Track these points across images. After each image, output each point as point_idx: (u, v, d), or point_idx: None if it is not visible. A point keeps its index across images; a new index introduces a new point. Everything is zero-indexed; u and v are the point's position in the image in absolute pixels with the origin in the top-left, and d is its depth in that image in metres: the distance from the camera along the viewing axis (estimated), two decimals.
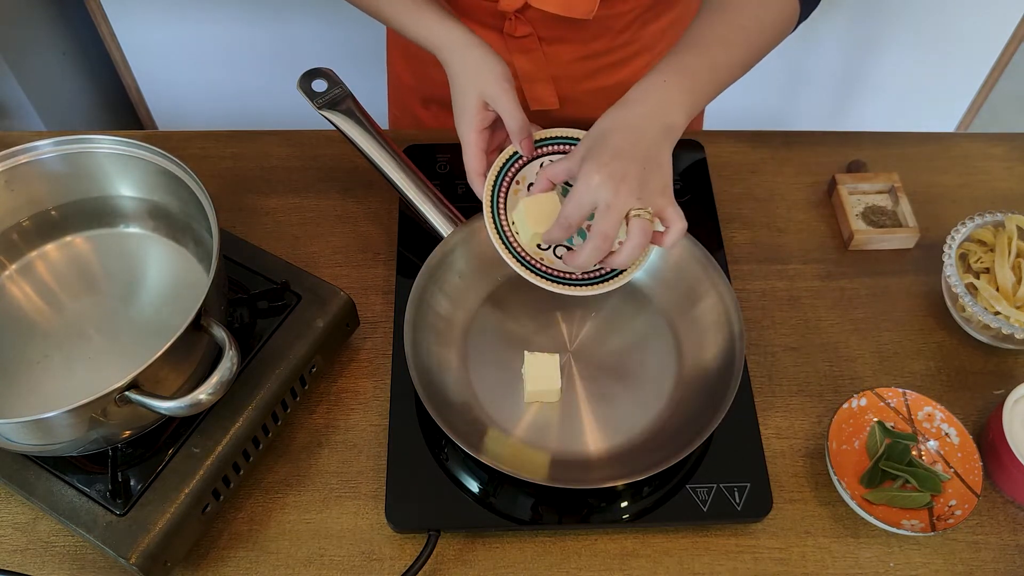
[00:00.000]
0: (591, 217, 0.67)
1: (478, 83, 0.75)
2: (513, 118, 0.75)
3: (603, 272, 0.74)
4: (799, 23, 0.78)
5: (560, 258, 0.75)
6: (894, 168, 0.96)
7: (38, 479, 0.68)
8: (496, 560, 0.72)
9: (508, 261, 0.74)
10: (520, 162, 0.78)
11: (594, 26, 0.89)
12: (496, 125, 0.78)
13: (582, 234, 0.75)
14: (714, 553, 0.72)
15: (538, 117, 0.99)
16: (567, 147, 0.79)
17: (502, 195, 0.76)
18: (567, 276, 0.74)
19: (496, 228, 0.74)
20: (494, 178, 0.76)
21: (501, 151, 0.78)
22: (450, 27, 0.77)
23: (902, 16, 1.65)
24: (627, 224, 0.66)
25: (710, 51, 0.72)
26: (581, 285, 0.74)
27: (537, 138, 0.79)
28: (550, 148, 0.79)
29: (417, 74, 1.05)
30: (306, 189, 0.95)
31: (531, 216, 0.73)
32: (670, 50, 0.73)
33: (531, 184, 0.77)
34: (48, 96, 1.67)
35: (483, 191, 0.76)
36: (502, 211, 0.75)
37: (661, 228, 0.69)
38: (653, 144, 0.67)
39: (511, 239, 0.74)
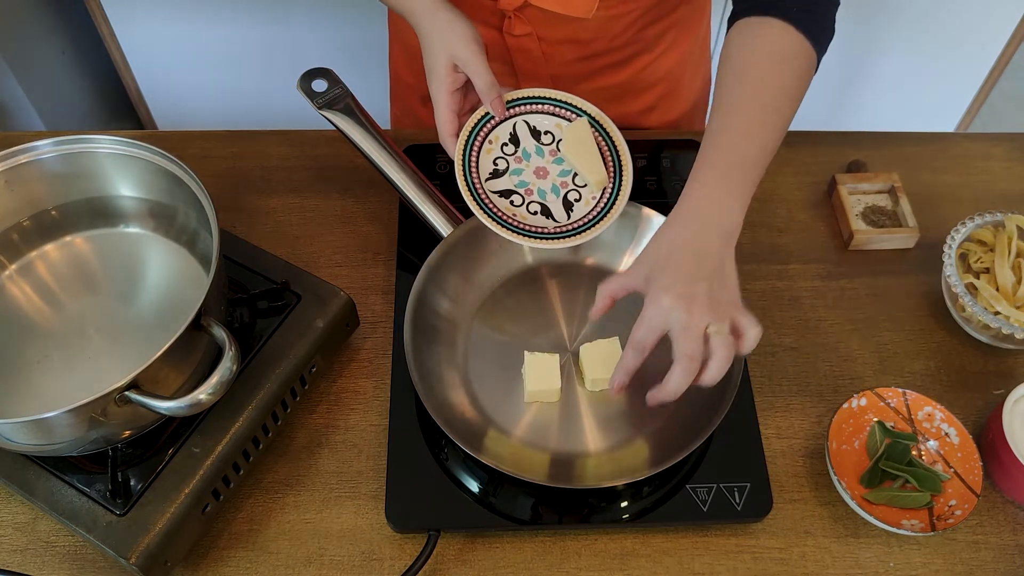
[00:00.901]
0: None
1: (447, 45, 0.76)
2: (482, 79, 0.76)
3: (574, 226, 0.75)
4: (818, 64, 0.76)
5: (534, 215, 0.76)
6: (894, 168, 0.96)
7: (38, 479, 0.68)
8: (496, 560, 0.72)
9: (482, 219, 0.74)
10: (492, 123, 0.79)
11: (593, 26, 0.89)
12: (468, 88, 0.79)
13: (556, 190, 0.77)
14: (714, 553, 0.72)
15: None
16: (538, 106, 0.80)
17: (474, 155, 0.77)
18: (539, 230, 0.75)
19: (468, 185, 0.75)
20: (466, 138, 0.77)
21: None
22: None
23: (902, 16, 1.65)
24: (706, 342, 0.65)
25: (742, 142, 0.70)
26: (553, 238, 0.75)
27: (508, 99, 0.79)
28: (521, 108, 0.80)
29: (417, 72, 1.04)
30: (306, 189, 0.95)
31: (590, 360, 0.76)
32: (700, 152, 0.70)
33: (504, 144, 0.78)
34: (48, 96, 1.67)
35: (455, 151, 0.77)
36: (473, 170, 0.76)
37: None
38: (716, 257, 0.66)
39: (483, 197, 0.75)
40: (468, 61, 0.76)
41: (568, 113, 0.81)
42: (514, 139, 0.80)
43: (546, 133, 0.80)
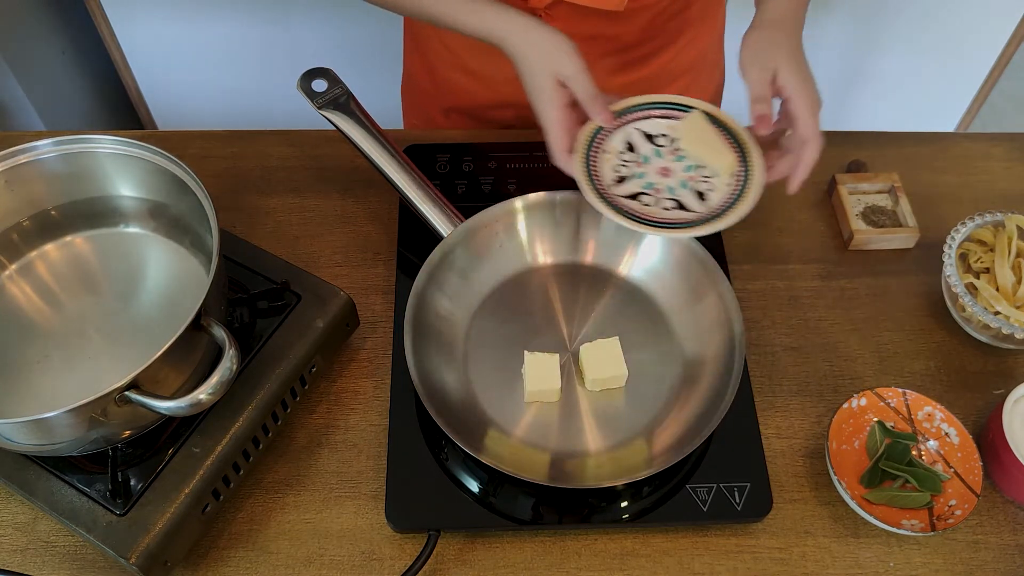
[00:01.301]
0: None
1: (551, 62, 0.75)
2: (589, 91, 0.76)
3: (718, 211, 0.75)
4: None
5: (645, 207, 0.77)
6: (894, 168, 0.96)
7: (38, 479, 0.68)
8: (496, 560, 0.72)
9: (624, 223, 0.73)
10: (603, 135, 0.79)
11: (622, 19, 0.89)
12: (573, 103, 0.78)
13: (684, 185, 0.78)
14: (714, 553, 0.72)
15: None
16: (648, 112, 0.80)
17: (594, 167, 0.77)
18: (683, 222, 0.75)
19: (597, 195, 0.75)
20: (583, 152, 0.77)
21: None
22: (510, 13, 0.78)
23: (902, 16, 1.65)
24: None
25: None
26: (703, 223, 0.74)
27: (614, 110, 0.79)
28: (628, 118, 0.80)
29: (439, 83, 1.04)
30: (306, 189, 0.95)
31: (590, 360, 0.76)
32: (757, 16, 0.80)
33: (621, 152, 0.79)
34: (48, 96, 1.67)
35: (573, 168, 0.76)
36: (598, 181, 0.76)
37: None
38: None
39: (615, 202, 0.75)
40: (575, 76, 0.75)
41: (675, 112, 0.80)
42: (629, 147, 0.80)
43: (660, 136, 0.80)
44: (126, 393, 0.60)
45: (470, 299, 0.82)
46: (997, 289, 0.81)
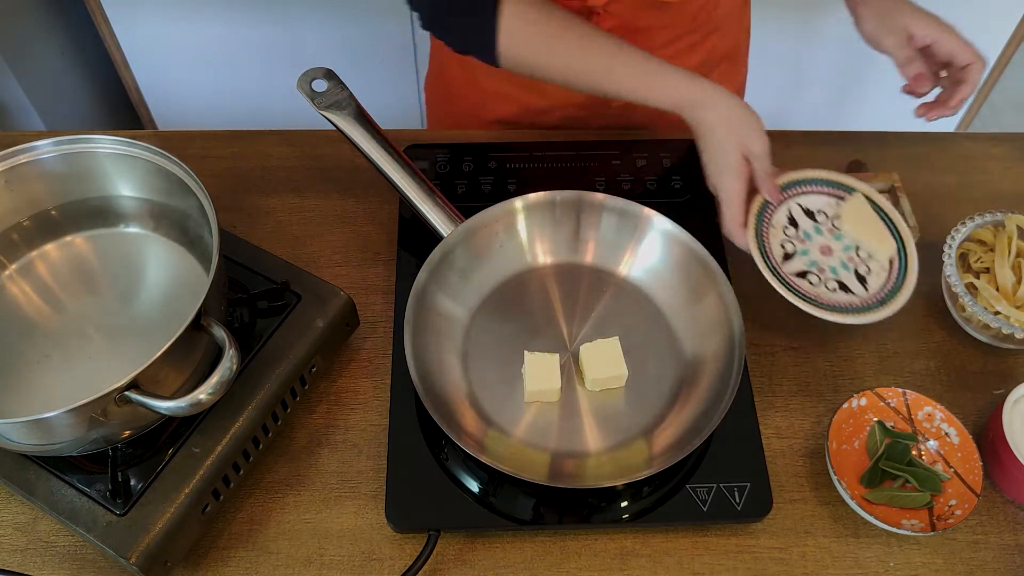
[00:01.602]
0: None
1: (741, 138, 0.76)
2: (767, 167, 0.77)
3: (878, 298, 0.78)
4: None
5: (819, 290, 0.79)
6: (894, 168, 0.96)
7: (38, 479, 0.68)
8: (496, 560, 0.72)
9: (804, 307, 0.76)
10: (769, 209, 0.82)
11: (674, 10, 0.90)
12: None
13: (845, 266, 0.80)
14: (714, 553, 0.72)
15: (615, 123, 1.00)
16: (805, 188, 0.83)
17: (766, 242, 0.80)
18: (848, 306, 0.77)
19: (773, 273, 0.78)
20: (754, 226, 0.80)
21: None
22: (694, 82, 0.78)
23: None
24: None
25: None
26: (863, 312, 0.77)
27: (779, 183, 0.82)
28: (791, 192, 0.83)
29: (486, 95, 1.03)
30: (306, 189, 0.95)
31: (590, 360, 0.77)
32: None
33: (785, 227, 0.82)
34: (48, 96, 1.67)
35: (749, 242, 0.78)
36: (772, 257, 0.79)
37: None
38: None
39: (790, 282, 0.78)
40: (762, 154, 0.76)
41: (834, 191, 0.83)
42: (792, 221, 0.82)
43: (819, 212, 0.83)
44: (126, 393, 0.60)
45: (470, 299, 0.82)
46: (997, 289, 0.81)
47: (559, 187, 0.84)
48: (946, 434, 0.75)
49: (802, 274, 0.79)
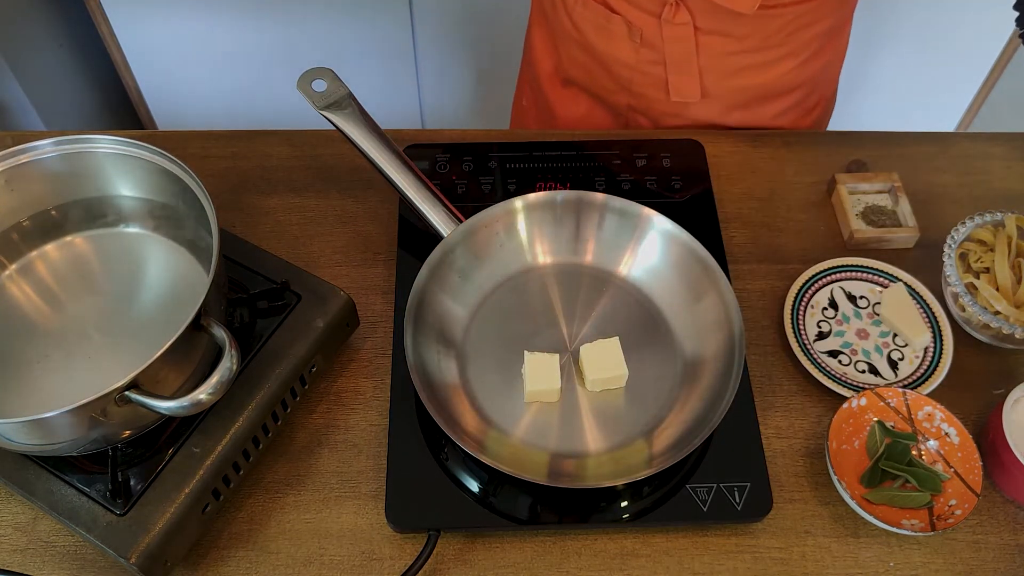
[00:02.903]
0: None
1: None
2: None
3: (906, 382, 0.81)
4: None
5: None
6: (894, 168, 0.96)
7: (38, 479, 0.68)
8: (496, 560, 0.72)
9: (830, 386, 0.80)
10: (811, 289, 0.86)
11: (751, 22, 0.90)
12: None
13: (879, 350, 0.83)
14: (714, 553, 0.72)
15: (676, 108, 1.01)
16: (851, 273, 0.87)
17: (800, 319, 0.84)
18: (869, 386, 0.80)
19: (802, 348, 0.82)
20: (792, 303, 0.85)
21: None
22: None
23: (902, 16, 1.65)
24: None
25: None
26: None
27: (825, 267, 0.87)
28: (836, 276, 0.87)
29: (561, 56, 1.05)
30: (306, 189, 0.95)
31: (590, 361, 0.77)
32: None
33: (824, 308, 0.85)
34: (48, 96, 1.67)
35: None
36: (803, 333, 0.84)
37: None
38: None
39: (816, 358, 0.82)
40: None
41: (879, 278, 0.87)
42: (832, 303, 0.86)
43: (861, 298, 0.86)
44: (126, 393, 0.60)
45: (470, 299, 0.82)
46: (997, 289, 0.81)
47: (559, 187, 0.84)
48: (946, 434, 0.75)
49: (834, 353, 0.82)
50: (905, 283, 0.86)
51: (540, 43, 1.09)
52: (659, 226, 0.82)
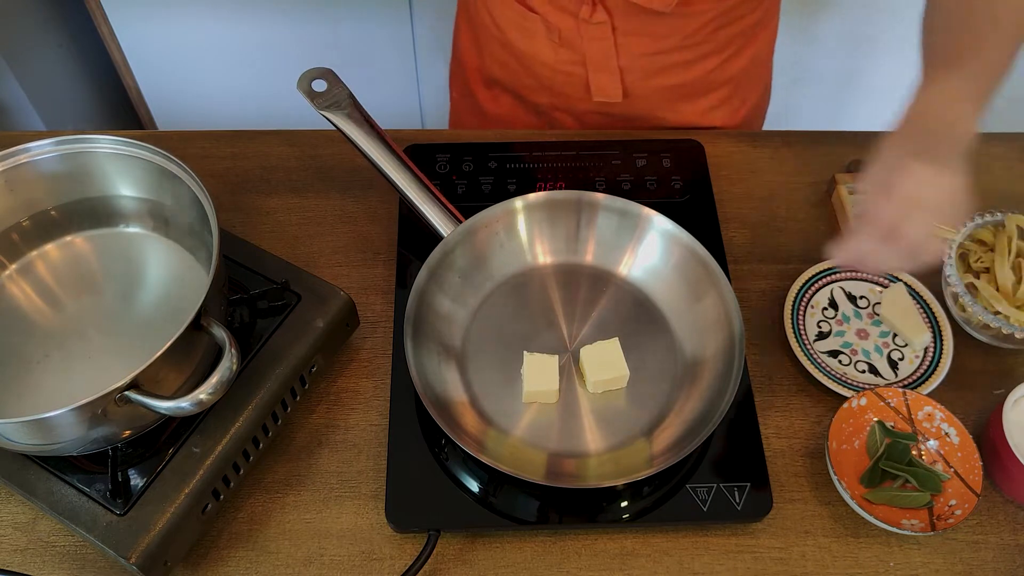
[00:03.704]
0: None
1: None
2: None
3: (907, 382, 0.81)
4: None
5: None
6: None
7: (38, 479, 0.68)
8: (496, 560, 0.72)
9: (832, 387, 0.80)
10: (811, 289, 0.86)
11: (670, 21, 0.90)
12: None
13: (879, 350, 0.83)
14: (714, 553, 0.72)
15: (601, 108, 1.00)
16: (854, 274, 0.87)
17: (800, 318, 0.84)
18: (868, 386, 0.80)
19: (801, 347, 0.82)
20: (792, 303, 0.85)
21: None
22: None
23: (902, 16, 1.65)
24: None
25: (977, 45, 0.69)
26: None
27: (824, 267, 0.87)
28: (836, 276, 0.87)
29: (484, 55, 1.05)
30: (306, 189, 0.95)
31: (591, 363, 0.77)
32: (925, 63, 0.70)
33: (824, 308, 0.85)
34: (48, 96, 1.67)
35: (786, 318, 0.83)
36: (803, 333, 0.83)
37: None
38: (944, 164, 0.65)
39: (815, 357, 0.82)
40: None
41: (879, 279, 0.87)
42: (832, 303, 0.86)
43: (861, 298, 0.86)
44: (126, 393, 0.60)
45: (470, 299, 0.82)
46: (997, 289, 0.81)
47: (559, 187, 0.84)
48: (946, 434, 0.75)
49: (834, 353, 0.82)
50: (905, 283, 0.86)
51: (466, 40, 1.08)
52: (659, 226, 0.82)
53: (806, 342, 0.82)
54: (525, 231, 0.85)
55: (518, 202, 0.84)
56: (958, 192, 0.65)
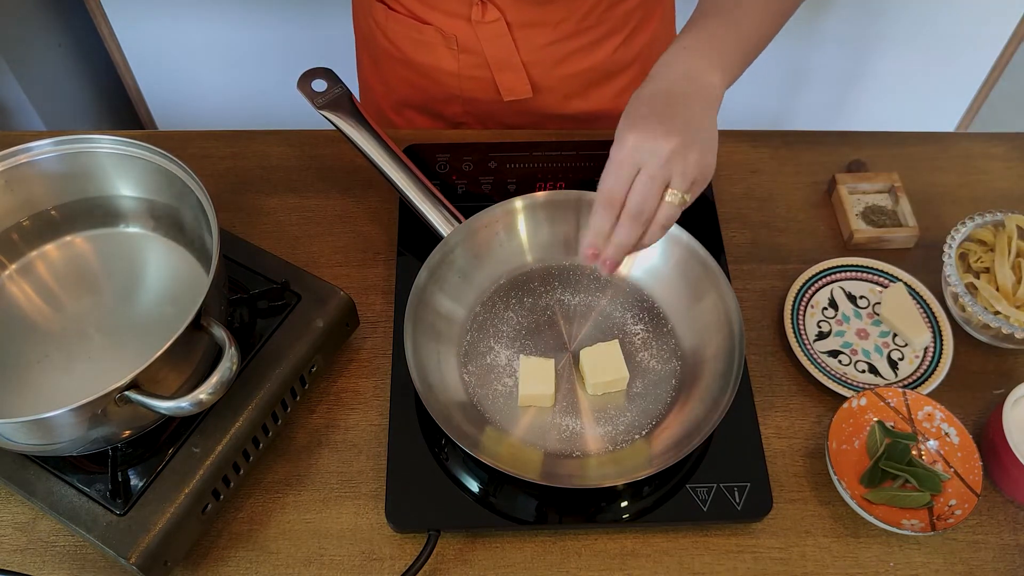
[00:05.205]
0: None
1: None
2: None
3: (907, 382, 0.81)
4: None
5: None
6: (894, 168, 0.96)
7: (38, 479, 0.68)
8: (496, 560, 0.72)
9: (832, 387, 0.80)
10: (811, 289, 0.86)
11: (561, 6, 0.89)
12: None
13: (879, 350, 0.83)
14: (714, 553, 0.72)
15: (513, 107, 0.99)
16: (851, 273, 0.87)
17: (800, 319, 0.84)
18: (868, 386, 0.80)
19: (802, 348, 0.82)
20: (792, 303, 0.85)
21: None
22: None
23: (902, 16, 1.65)
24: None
25: (729, 15, 0.68)
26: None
27: (825, 267, 0.87)
28: (836, 276, 0.87)
29: (387, 79, 1.04)
30: (306, 189, 0.95)
31: (591, 365, 0.77)
32: (687, 23, 0.70)
33: (824, 308, 0.85)
34: (48, 96, 1.67)
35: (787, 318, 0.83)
36: (803, 333, 0.84)
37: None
38: (691, 107, 0.62)
39: (816, 358, 0.82)
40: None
41: (879, 278, 0.87)
42: (832, 303, 0.86)
43: (861, 298, 0.86)
44: (126, 393, 0.60)
45: (470, 299, 0.82)
46: (997, 289, 0.81)
47: (559, 187, 0.84)
48: (946, 434, 0.75)
49: (834, 353, 0.82)
50: (905, 283, 0.86)
51: (369, 70, 1.07)
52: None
53: (806, 342, 0.82)
54: (525, 231, 0.85)
55: (518, 202, 0.83)
56: (679, 154, 0.61)
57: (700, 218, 0.89)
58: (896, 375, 0.81)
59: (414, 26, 0.94)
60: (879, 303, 0.85)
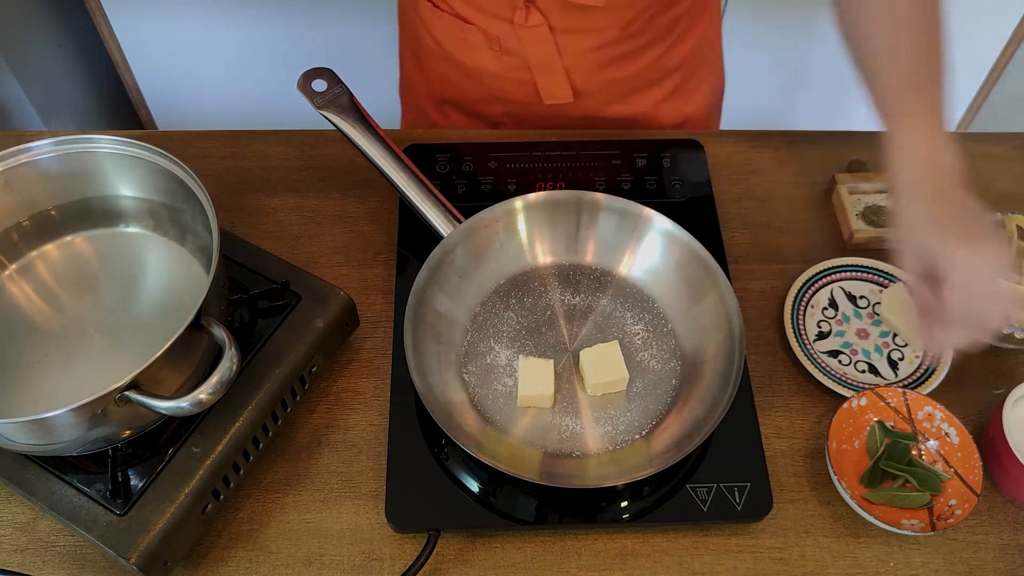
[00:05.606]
0: None
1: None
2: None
3: (907, 382, 0.81)
4: None
5: None
6: None
7: (38, 479, 0.68)
8: (496, 560, 0.72)
9: (834, 388, 0.80)
10: (811, 289, 0.86)
11: (605, 14, 0.89)
12: None
13: (879, 350, 0.83)
14: (714, 553, 0.72)
15: (553, 110, 0.99)
16: (851, 273, 0.87)
17: (800, 319, 0.84)
18: (869, 386, 0.80)
19: (802, 348, 0.82)
20: (792, 303, 0.85)
21: None
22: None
23: None
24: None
25: (922, 70, 0.72)
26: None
27: (825, 267, 0.87)
28: (836, 276, 0.87)
29: (430, 77, 1.05)
30: (306, 189, 0.95)
31: (591, 365, 0.76)
32: (879, 102, 0.73)
33: (824, 308, 0.85)
34: (48, 96, 1.67)
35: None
36: (803, 333, 0.84)
37: None
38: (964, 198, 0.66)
39: (816, 358, 0.82)
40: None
41: (879, 278, 0.87)
42: (832, 303, 0.86)
43: (861, 297, 0.86)
44: (126, 393, 0.60)
45: (470, 299, 0.82)
46: None
47: (559, 187, 0.84)
48: (946, 434, 0.75)
49: (834, 353, 0.82)
50: (905, 283, 0.85)
51: (411, 64, 1.08)
52: (659, 226, 0.82)
53: (806, 342, 0.82)
54: (525, 231, 0.85)
55: (518, 202, 0.84)
56: (999, 252, 0.65)
57: (700, 218, 0.89)
58: (896, 375, 0.81)
59: (458, 25, 0.95)
60: (879, 303, 0.85)
